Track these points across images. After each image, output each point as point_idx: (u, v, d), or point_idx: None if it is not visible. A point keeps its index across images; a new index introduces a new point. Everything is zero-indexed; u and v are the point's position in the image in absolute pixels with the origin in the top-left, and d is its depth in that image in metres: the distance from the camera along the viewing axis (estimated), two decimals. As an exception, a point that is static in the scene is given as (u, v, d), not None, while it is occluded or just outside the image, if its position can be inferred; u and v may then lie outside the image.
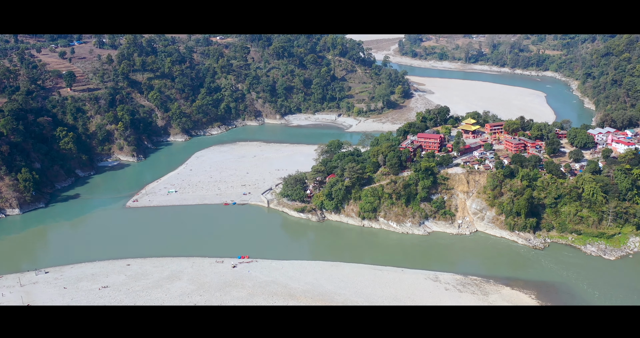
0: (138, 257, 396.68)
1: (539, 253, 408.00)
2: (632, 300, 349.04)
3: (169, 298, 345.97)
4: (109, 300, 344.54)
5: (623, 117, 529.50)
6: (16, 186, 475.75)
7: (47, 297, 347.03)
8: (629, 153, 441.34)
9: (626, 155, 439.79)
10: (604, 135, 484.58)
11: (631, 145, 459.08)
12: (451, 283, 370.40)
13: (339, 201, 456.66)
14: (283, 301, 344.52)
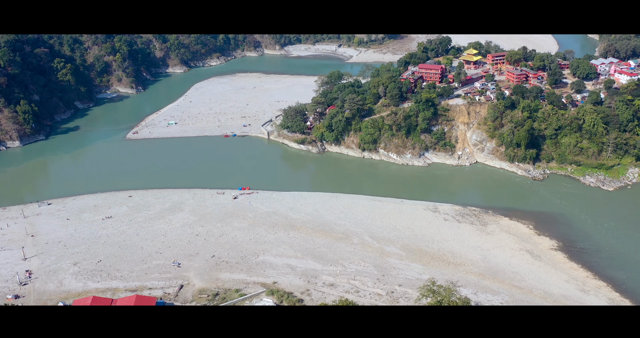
0: (139, 189, 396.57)
1: (538, 184, 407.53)
2: (629, 231, 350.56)
3: (171, 229, 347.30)
4: (112, 230, 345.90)
5: (627, 48, 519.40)
6: (16, 119, 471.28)
7: (50, 228, 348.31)
8: (631, 83, 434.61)
9: (628, 86, 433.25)
10: (607, 66, 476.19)
11: (634, 76, 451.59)
12: (450, 214, 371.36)
13: (339, 132, 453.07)
14: (284, 232, 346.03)
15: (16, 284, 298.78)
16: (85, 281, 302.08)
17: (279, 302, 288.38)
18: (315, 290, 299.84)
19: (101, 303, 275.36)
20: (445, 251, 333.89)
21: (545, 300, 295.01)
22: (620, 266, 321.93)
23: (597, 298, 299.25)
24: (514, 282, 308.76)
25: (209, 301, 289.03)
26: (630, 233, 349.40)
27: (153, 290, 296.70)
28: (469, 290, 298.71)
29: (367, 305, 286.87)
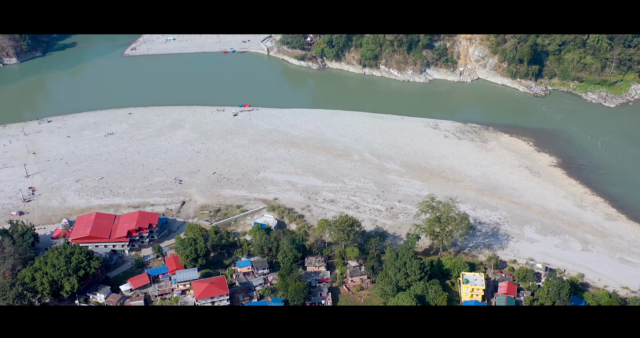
0: (139, 106, 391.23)
1: (539, 100, 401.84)
2: (629, 148, 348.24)
3: (171, 147, 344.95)
4: (113, 147, 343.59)
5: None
6: (11, 35, 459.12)
7: (51, 145, 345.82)
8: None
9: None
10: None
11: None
12: (450, 131, 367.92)
13: (339, 48, 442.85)
14: (284, 149, 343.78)
15: (20, 201, 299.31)
16: (88, 198, 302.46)
17: (279, 217, 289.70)
18: (315, 206, 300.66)
19: (105, 219, 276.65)
20: (445, 167, 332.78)
21: (542, 216, 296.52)
22: (618, 182, 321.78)
23: (594, 213, 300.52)
24: (513, 198, 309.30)
25: (210, 217, 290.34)
26: (630, 149, 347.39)
27: (155, 206, 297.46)
28: (467, 206, 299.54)
29: (367, 220, 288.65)
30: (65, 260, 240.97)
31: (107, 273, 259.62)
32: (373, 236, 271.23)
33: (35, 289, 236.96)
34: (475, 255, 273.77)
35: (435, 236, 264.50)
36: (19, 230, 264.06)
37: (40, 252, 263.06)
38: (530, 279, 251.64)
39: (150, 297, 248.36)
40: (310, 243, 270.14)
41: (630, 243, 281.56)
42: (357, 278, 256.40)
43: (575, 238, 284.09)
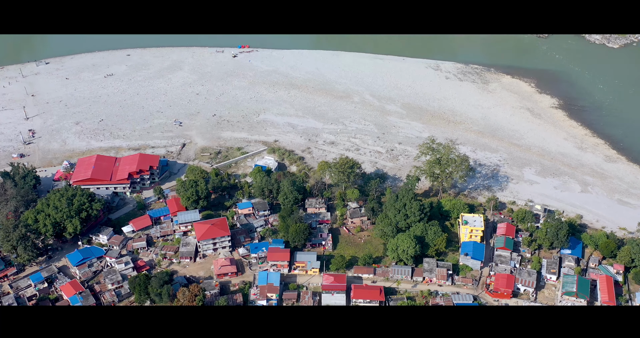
0: (137, 47, 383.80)
1: (542, 41, 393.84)
2: (631, 89, 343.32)
3: (171, 89, 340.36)
4: (112, 89, 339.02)
5: None
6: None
7: (50, 87, 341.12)
8: None
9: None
10: None
11: None
12: (452, 72, 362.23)
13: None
14: (285, 90, 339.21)
15: (20, 143, 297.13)
16: (89, 141, 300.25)
17: (280, 159, 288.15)
18: (316, 148, 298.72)
19: (105, 161, 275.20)
20: (445, 109, 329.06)
21: (542, 158, 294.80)
22: (619, 124, 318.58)
23: (594, 155, 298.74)
24: (513, 140, 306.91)
25: (211, 159, 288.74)
26: (632, 91, 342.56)
27: (156, 148, 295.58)
28: (467, 147, 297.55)
29: (367, 161, 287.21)
30: (68, 202, 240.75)
31: (109, 215, 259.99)
32: (373, 178, 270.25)
33: (39, 231, 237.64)
34: (475, 196, 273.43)
35: (435, 178, 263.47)
36: (20, 172, 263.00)
37: (42, 194, 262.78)
38: (529, 220, 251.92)
39: (152, 238, 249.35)
40: (311, 184, 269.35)
41: (629, 185, 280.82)
42: (357, 219, 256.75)
43: (574, 180, 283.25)
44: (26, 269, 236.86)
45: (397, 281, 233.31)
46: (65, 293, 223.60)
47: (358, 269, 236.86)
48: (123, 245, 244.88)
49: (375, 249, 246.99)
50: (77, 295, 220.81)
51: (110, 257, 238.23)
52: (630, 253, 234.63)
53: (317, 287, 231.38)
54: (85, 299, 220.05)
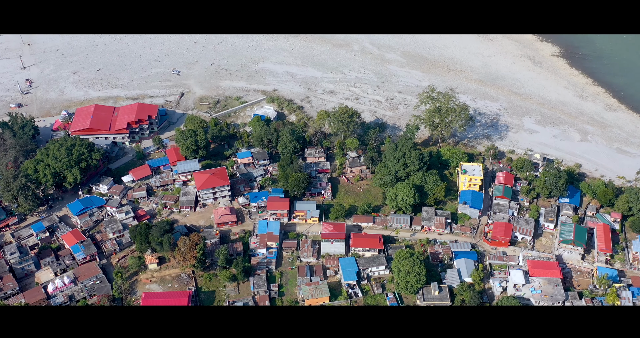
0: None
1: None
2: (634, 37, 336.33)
3: (168, 37, 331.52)
4: (109, 38, 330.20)
5: None
6: None
7: (46, 36, 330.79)
8: None
9: None
10: None
11: None
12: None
13: None
14: (283, 39, 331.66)
15: (18, 93, 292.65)
16: (87, 90, 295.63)
17: (279, 109, 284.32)
18: (315, 97, 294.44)
19: (104, 111, 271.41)
20: (445, 58, 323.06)
21: (542, 106, 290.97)
22: (620, 73, 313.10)
23: (594, 104, 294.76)
24: (513, 89, 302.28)
25: (210, 109, 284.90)
26: (634, 39, 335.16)
27: (154, 98, 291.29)
28: (467, 96, 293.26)
29: (367, 110, 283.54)
30: (67, 152, 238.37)
31: (108, 165, 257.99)
32: (372, 127, 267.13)
33: (39, 181, 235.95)
34: (474, 145, 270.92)
35: (435, 127, 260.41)
36: (18, 122, 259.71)
37: (41, 144, 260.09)
38: (528, 169, 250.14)
39: (152, 187, 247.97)
40: (310, 134, 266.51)
41: (628, 134, 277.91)
42: (357, 168, 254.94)
43: (574, 129, 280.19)
44: (27, 219, 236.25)
45: (396, 230, 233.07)
46: (66, 242, 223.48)
47: (357, 218, 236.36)
48: (123, 195, 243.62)
49: (374, 198, 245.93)
50: (78, 244, 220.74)
51: (110, 207, 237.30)
52: (628, 202, 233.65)
53: (316, 236, 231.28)
54: (86, 248, 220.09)
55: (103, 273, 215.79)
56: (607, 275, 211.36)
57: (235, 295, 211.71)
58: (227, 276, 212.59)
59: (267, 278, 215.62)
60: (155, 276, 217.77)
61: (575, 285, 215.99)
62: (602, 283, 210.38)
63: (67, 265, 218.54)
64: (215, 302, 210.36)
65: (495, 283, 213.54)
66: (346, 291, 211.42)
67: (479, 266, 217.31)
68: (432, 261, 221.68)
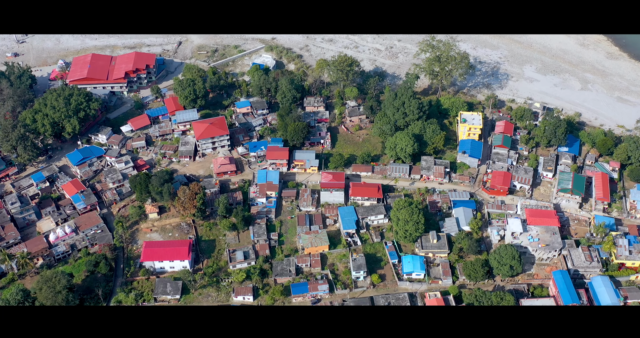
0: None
1: None
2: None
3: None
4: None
5: None
6: None
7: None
8: None
9: None
10: None
11: None
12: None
13: None
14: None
15: (13, 42, 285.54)
16: (83, 39, 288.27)
17: (278, 58, 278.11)
18: (314, 45, 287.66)
19: (101, 60, 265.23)
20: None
21: (543, 55, 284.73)
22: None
23: (595, 52, 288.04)
24: (514, 37, 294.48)
25: (208, 58, 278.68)
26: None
27: (152, 46, 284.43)
28: (468, 44, 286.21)
29: (366, 59, 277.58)
30: (65, 102, 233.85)
31: (107, 115, 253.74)
32: (372, 76, 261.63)
33: (37, 131, 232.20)
34: (474, 94, 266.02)
35: (435, 76, 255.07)
36: (15, 71, 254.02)
37: (38, 94, 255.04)
38: (528, 118, 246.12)
39: (151, 137, 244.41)
40: (309, 83, 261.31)
41: (629, 82, 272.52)
42: (356, 118, 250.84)
43: (574, 77, 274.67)
44: (27, 169, 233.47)
45: (395, 179, 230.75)
46: (67, 192, 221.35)
47: (356, 167, 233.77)
48: (122, 145, 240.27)
49: (373, 147, 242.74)
50: (78, 194, 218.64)
51: (110, 156, 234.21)
52: (627, 151, 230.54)
53: (315, 185, 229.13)
54: (87, 198, 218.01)
55: (104, 222, 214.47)
56: (604, 224, 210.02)
57: (236, 244, 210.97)
58: (227, 226, 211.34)
59: (266, 227, 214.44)
60: (155, 225, 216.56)
61: (573, 233, 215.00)
62: (599, 231, 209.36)
63: (68, 214, 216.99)
64: (215, 251, 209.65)
65: (493, 232, 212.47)
66: (345, 240, 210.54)
67: (477, 215, 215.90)
68: (430, 210, 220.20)
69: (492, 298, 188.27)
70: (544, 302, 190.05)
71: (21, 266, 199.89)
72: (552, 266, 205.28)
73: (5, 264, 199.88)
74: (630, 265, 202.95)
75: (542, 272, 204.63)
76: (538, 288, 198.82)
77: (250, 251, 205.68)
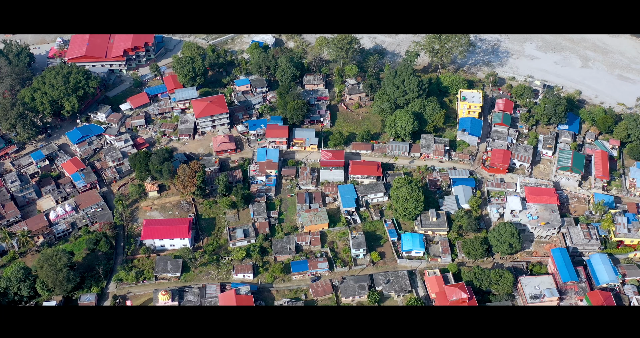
0: None
1: None
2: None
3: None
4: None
5: None
6: None
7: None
8: None
9: None
10: None
11: None
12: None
13: None
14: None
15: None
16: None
17: (277, 35, 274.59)
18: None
19: (99, 38, 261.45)
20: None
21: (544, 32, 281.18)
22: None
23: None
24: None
25: (207, 35, 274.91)
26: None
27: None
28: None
29: (366, 37, 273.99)
30: (64, 80, 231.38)
31: (106, 93, 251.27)
32: (372, 54, 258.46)
33: (36, 109, 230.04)
34: (474, 72, 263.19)
35: (435, 54, 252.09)
36: (13, 49, 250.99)
37: (37, 72, 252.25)
38: (528, 96, 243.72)
39: (150, 115, 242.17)
40: (309, 61, 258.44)
41: (630, 60, 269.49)
42: (356, 96, 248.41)
43: (575, 55, 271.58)
44: (26, 147, 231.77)
45: (395, 157, 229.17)
46: (66, 170, 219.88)
47: (356, 145, 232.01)
48: (122, 123, 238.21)
49: (373, 125, 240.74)
50: (78, 172, 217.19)
51: (109, 135, 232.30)
52: (627, 129, 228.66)
53: (315, 163, 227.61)
54: (86, 176, 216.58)
55: (104, 201, 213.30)
56: (603, 202, 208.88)
57: (235, 222, 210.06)
58: (227, 204, 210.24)
59: (266, 205, 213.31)
60: (155, 203, 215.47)
61: (572, 211, 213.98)
62: (598, 209, 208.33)
63: (68, 193, 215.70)
64: (215, 229, 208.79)
65: (492, 210, 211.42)
66: (345, 218, 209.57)
67: (476, 193, 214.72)
68: (430, 188, 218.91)
69: (491, 275, 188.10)
70: (543, 279, 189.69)
71: (22, 244, 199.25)
72: (551, 244, 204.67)
73: (6, 242, 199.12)
74: (629, 243, 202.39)
75: (541, 250, 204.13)
76: (537, 266, 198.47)
77: (250, 229, 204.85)
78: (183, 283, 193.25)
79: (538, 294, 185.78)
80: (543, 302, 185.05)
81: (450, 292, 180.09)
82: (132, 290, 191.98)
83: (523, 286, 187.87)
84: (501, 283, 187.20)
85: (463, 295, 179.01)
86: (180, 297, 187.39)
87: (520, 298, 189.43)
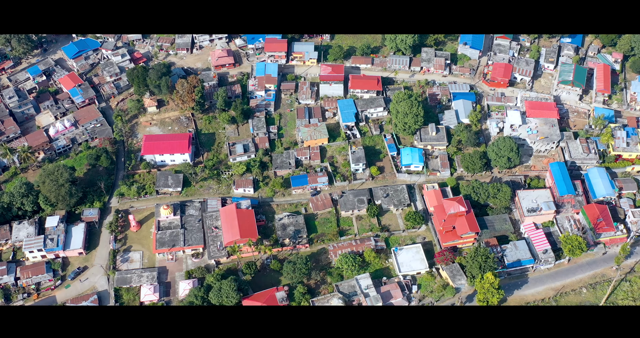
0: None
1: None
2: None
3: None
4: None
5: None
6: None
7: None
8: None
9: None
10: None
11: None
12: None
13: None
14: None
15: None
16: None
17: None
18: None
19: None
20: None
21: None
22: None
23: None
24: None
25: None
26: None
27: None
28: None
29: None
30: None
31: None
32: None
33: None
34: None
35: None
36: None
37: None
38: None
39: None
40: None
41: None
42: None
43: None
44: (22, 63, 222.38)
45: (395, 72, 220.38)
46: (64, 85, 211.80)
47: (356, 59, 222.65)
48: (118, 37, 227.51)
49: (373, 39, 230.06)
50: (76, 88, 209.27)
51: (106, 49, 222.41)
52: (631, 42, 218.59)
53: (315, 78, 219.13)
54: (85, 91, 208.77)
55: (103, 116, 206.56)
56: (604, 116, 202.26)
57: (235, 137, 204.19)
58: (227, 119, 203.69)
59: (266, 120, 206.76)
60: (154, 119, 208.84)
61: (572, 125, 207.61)
62: (598, 123, 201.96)
63: (67, 108, 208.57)
64: (215, 144, 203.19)
65: (492, 124, 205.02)
66: (344, 132, 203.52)
67: (476, 107, 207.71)
68: (430, 103, 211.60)
69: (489, 189, 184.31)
70: (540, 192, 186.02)
71: (23, 160, 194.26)
72: (550, 158, 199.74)
73: (7, 158, 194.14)
74: (627, 157, 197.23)
75: (540, 164, 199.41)
76: (535, 180, 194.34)
77: (249, 144, 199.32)
78: (184, 198, 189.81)
79: (535, 207, 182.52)
80: (539, 215, 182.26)
81: (448, 205, 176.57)
82: (134, 204, 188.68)
83: (520, 200, 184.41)
84: (499, 196, 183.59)
85: (461, 208, 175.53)
86: (182, 211, 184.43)
87: (518, 211, 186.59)
